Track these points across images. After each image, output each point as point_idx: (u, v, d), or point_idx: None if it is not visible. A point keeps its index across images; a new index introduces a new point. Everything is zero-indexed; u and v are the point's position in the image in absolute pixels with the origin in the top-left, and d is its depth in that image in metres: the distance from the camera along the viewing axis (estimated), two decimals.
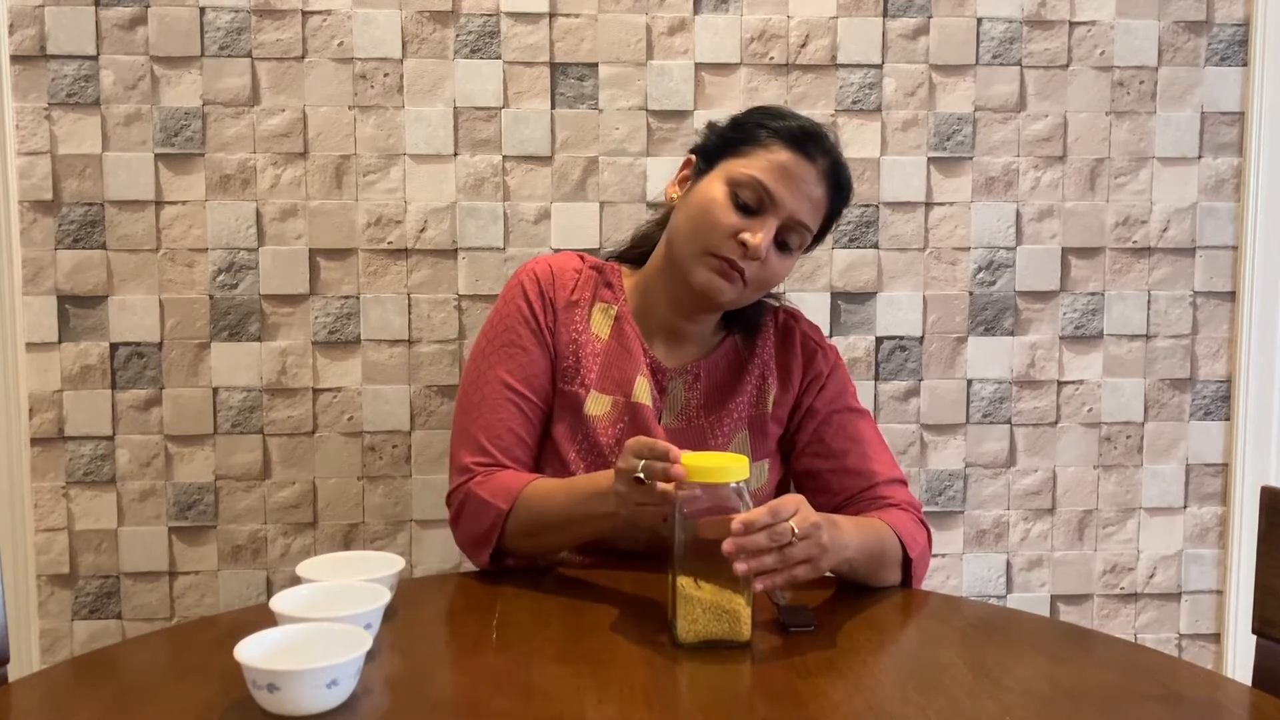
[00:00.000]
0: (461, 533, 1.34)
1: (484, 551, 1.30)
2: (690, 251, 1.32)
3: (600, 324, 1.40)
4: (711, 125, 1.39)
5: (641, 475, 1.10)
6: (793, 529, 1.06)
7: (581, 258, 1.45)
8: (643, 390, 1.37)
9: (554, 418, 1.38)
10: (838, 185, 1.34)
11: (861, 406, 1.44)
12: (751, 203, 1.29)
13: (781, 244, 1.32)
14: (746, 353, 1.43)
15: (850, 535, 1.19)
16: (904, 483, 1.39)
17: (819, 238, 1.38)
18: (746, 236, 1.28)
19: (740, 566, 1.04)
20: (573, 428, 1.36)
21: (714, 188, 1.31)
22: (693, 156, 1.39)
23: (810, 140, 1.31)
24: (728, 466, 1.07)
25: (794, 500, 1.10)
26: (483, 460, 1.34)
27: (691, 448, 1.34)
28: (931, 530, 1.37)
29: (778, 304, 1.48)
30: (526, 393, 1.36)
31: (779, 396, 1.42)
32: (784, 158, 1.29)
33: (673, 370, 1.40)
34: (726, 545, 1.04)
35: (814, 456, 1.41)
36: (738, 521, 1.04)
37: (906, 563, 1.29)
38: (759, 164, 1.30)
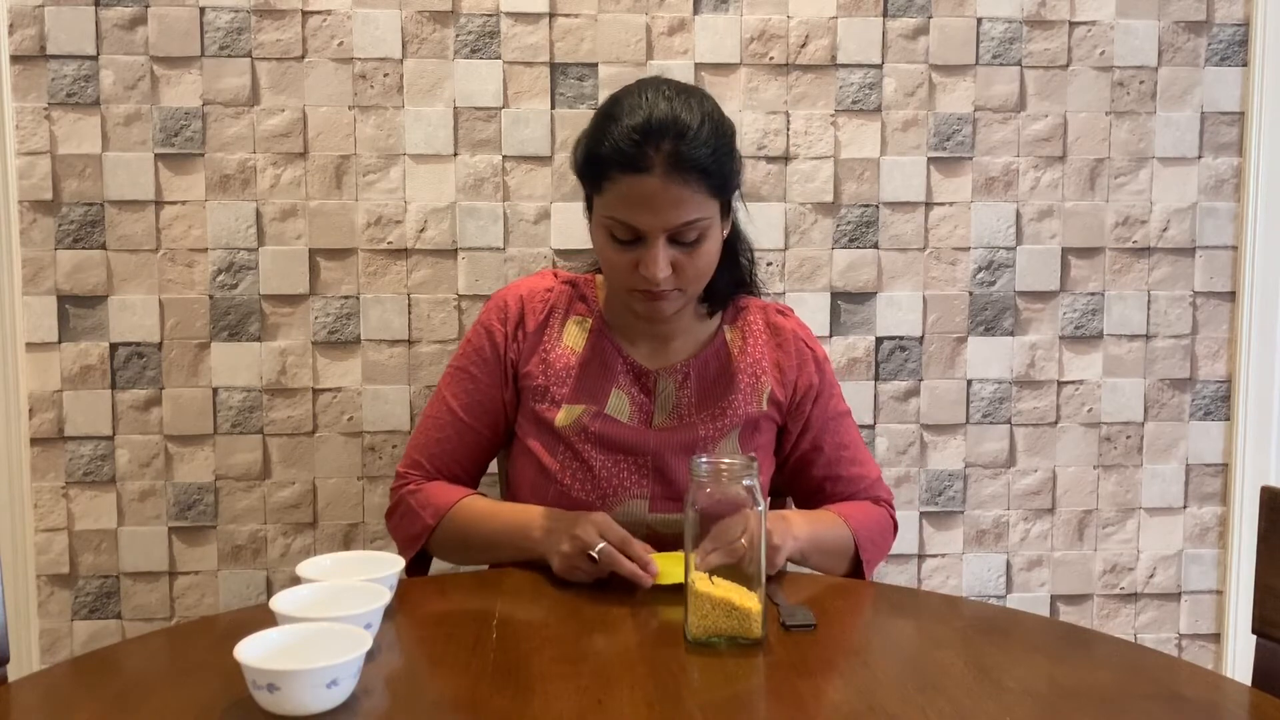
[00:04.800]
0: (394, 530, 1.45)
1: (409, 553, 1.40)
2: (617, 290, 1.37)
3: (575, 337, 1.42)
4: (573, 153, 1.35)
5: (595, 556, 1.19)
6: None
7: (555, 274, 1.47)
8: (619, 403, 1.39)
9: (528, 435, 1.41)
10: (693, 150, 1.24)
11: (845, 405, 1.50)
12: (629, 236, 1.29)
13: (686, 241, 1.29)
14: (738, 350, 1.44)
15: (800, 528, 1.30)
16: (880, 477, 1.49)
17: (728, 184, 1.31)
18: (643, 270, 1.28)
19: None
20: (549, 444, 1.39)
21: (597, 234, 1.34)
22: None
23: (638, 149, 1.24)
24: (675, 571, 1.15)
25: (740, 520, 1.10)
26: (415, 473, 1.44)
27: (684, 446, 1.37)
28: (897, 521, 1.49)
29: (766, 298, 1.51)
30: (468, 419, 1.43)
31: (773, 394, 1.43)
32: (625, 186, 1.26)
33: (657, 371, 1.41)
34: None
35: (810, 465, 1.47)
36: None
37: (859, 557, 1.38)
38: (611, 202, 1.28)
